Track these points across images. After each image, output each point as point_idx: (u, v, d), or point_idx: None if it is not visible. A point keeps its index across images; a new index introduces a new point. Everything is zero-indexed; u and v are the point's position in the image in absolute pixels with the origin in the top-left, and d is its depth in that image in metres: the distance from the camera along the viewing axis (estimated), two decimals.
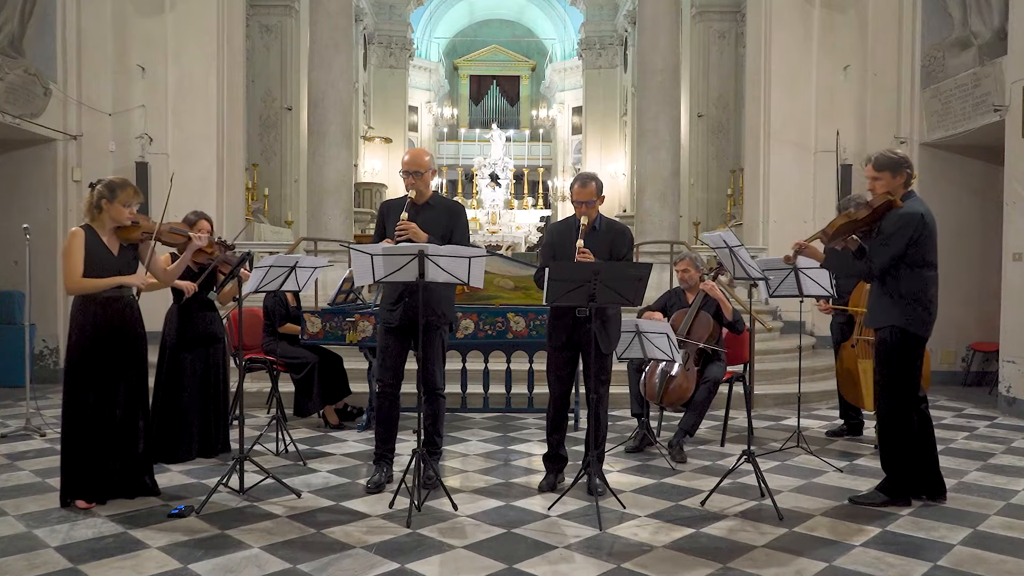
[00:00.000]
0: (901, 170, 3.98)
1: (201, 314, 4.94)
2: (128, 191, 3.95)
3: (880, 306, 3.99)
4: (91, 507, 3.86)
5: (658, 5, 10.79)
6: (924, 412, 4.05)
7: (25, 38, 7.87)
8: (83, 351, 3.89)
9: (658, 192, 10.60)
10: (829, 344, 6.46)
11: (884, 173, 3.98)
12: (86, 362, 3.89)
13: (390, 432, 4.37)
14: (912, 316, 3.91)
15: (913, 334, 3.93)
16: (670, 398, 5.09)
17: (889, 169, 3.98)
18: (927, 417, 4.07)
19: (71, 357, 3.92)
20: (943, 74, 8.18)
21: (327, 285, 8.07)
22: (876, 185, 4.01)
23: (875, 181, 4.01)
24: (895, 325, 3.92)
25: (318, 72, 10.34)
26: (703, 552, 3.36)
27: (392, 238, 4.11)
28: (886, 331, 3.96)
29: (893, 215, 3.90)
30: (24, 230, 5.86)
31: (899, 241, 3.85)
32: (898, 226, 3.86)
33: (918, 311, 3.91)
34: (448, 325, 4.42)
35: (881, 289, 3.98)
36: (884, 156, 4.04)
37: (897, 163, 3.98)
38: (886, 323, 3.96)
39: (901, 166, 3.98)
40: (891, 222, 3.89)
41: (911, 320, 3.91)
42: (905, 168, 3.99)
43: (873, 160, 4.04)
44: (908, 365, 3.96)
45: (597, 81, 22.39)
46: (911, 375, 3.97)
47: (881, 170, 3.99)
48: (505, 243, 21.59)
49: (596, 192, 4.24)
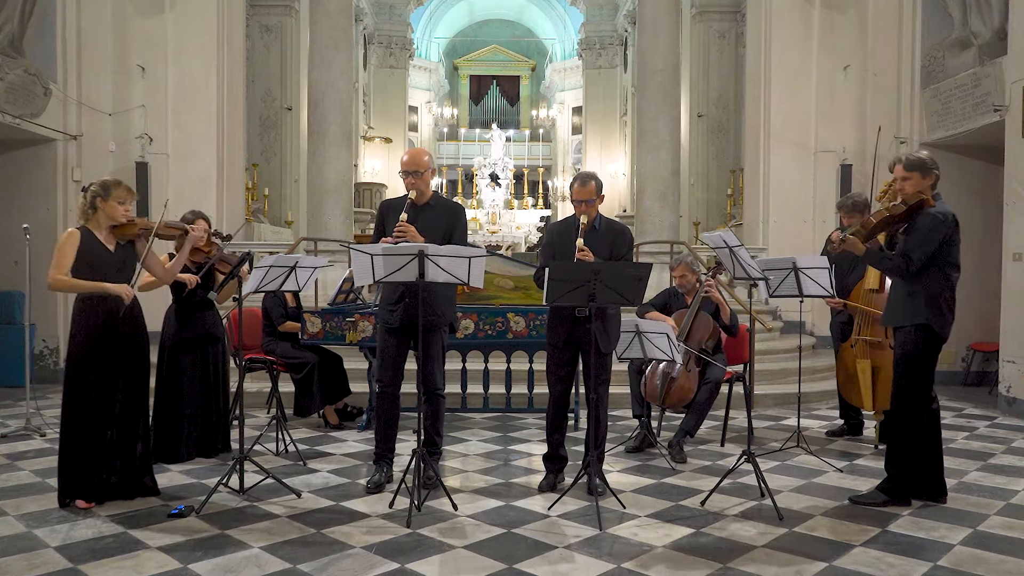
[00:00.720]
0: (930, 171, 4.02)
1: (200, 314, 4.95)
2: (122, 188, 3.97)
3: (904, 305, 3.99)
4: (91, 507, 3.86)
5: (658, 5, 10.79)
6: (935, 412, 4.06)
7: (25, 38, 7.87)
8: (88, 350, 3.88)
9: (658, 192, 10.60)
10: (829, 344, 6.47)
11: (914, 173, 4.01)
12: (89, 361, 3.88)
13: (390, 432, 4.36)
14: (938, 316, 3.93)
15: (936, 333, 3.94)
16: (672, 399, 5.09)
17: (919, 170, 4.01)
18: (937, 417, 4.08)
19: (74, 356, 3.91)
20: (943, 74, 8.18)
21: (327, 285, 8.07)
22: (905, 185, 4.03)
23: (905, 181, 4.03)
24: (921, 323, 3.93)
25: (318, 72, 10.34)
26: (703, 552, 3.36)
27: (392, 235, 4.09)
28: (910, 329, 3.97)
29: (927, 214, 3.94)
30: (24, 230, 5.86)
31: (933, 240, 3.90)
32: (934, 224, 3.91)
33: (943, 311, 3.94)
34: (449, 325, 4.42)
35: (908, 288, 3.99)
36: (915, 157, 4.07)
37: (927, 164, 4.02)
38: (910, 321, 3.96)
39: (930, 168, 4.02)
40: (927, 220, 3.93)
41: (935, 319, 3.93)
42: (934, 169, 4.03)
43: (904, 160, 4.07)
44: (928, 364, 3.98)
45: (597, 81, 22.39)
46: (928, 375, 3.99)
47: (911, 170, 4.01)
48: (505, 243, 21.59)
49: (596, 191, 4.23)
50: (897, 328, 4.06)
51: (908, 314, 3.97)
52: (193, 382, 4.85)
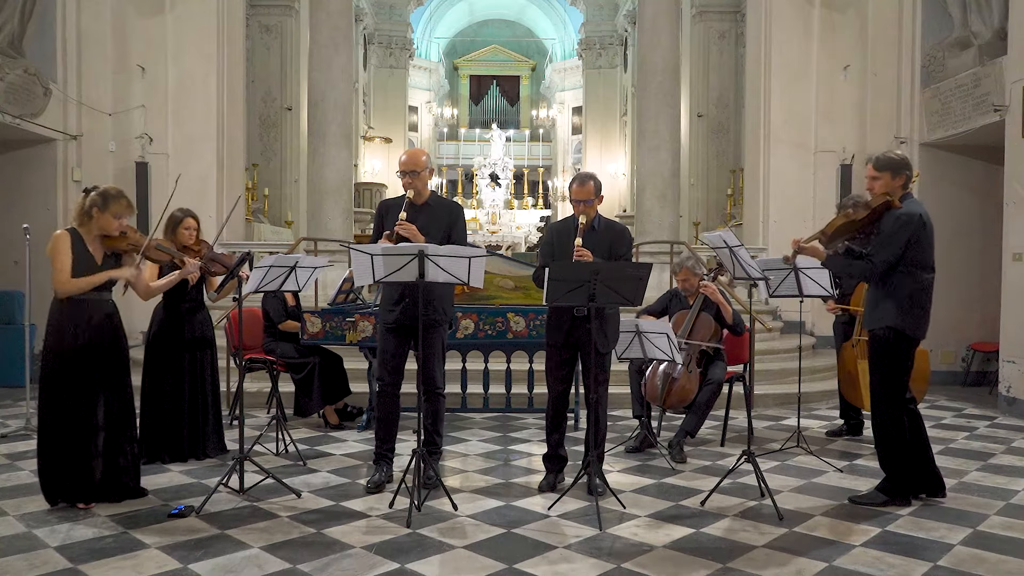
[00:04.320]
0: (901, 172, 3.99)
1: (189, 315, 4.91)
2: (121, 203, 3.89)
3: (877, 307, 3.99)
4: (91, 507, 3.86)
5: (658, 5, 10.80)
6: (914, 411, 4.07)
7: (25, 38, 7.87)
8: (58, 356, 3.81)
9: (658, 192, 10.60)
10: (829, 344, 6.47)
11: (884, 173, 3.99)
12: (62, 368, 3.81)
13: (390, 432, 4.36)
14: (907, 317, 3.91)
15: (908, 335, 3.93)
16: (672, 400, 5.09)
17: (889, 170, 3.98)
18: (917, 416, 4.08)
19: (45, 362, 3.83)
20: (943, 74, 8.18)
21: (327, 285, 8.07)
22: (875, 185, 4.02)
23: (874, 181, 4.02)
24: (890, 326, 3.92)
25: (318, 72, 10.34)
26: (703, 552, 3.36)
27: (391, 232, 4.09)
28: (879, 331, 3.97)
29: (891, 216, 3.90)
30: (24, 230, 5.86)
31: (898, 242, 3.86)
32: (896, 227, 3.87)
33: (915, 312, 3.92)
34: (448, 323, 4.42)
35: (879, 290, 3.98)
36: (885, 157, 4.05)
37: (898, 164, 3.99)
38: (879, 324, 3.96)
39: (901, 168, 3.99)
40: (890, 223, 3.90)
41: (906, 321, 3.91)
42: (905, 170, 4.00)
43: (874, 160, 4.05)
44: (899, 365, 3.96)
45: (597, 81, 22.38)
46: (901, 376, 3.97)
47: (881, 170, 3.99)
48: (505, 243, 21.58)
49: (594, 191, 4.23)
50: (870, 331, 4.06)
51: (880, 316, 3.96)
52: (178, 383, 4.81)
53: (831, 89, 9.51)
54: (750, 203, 10.32)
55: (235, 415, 5.69)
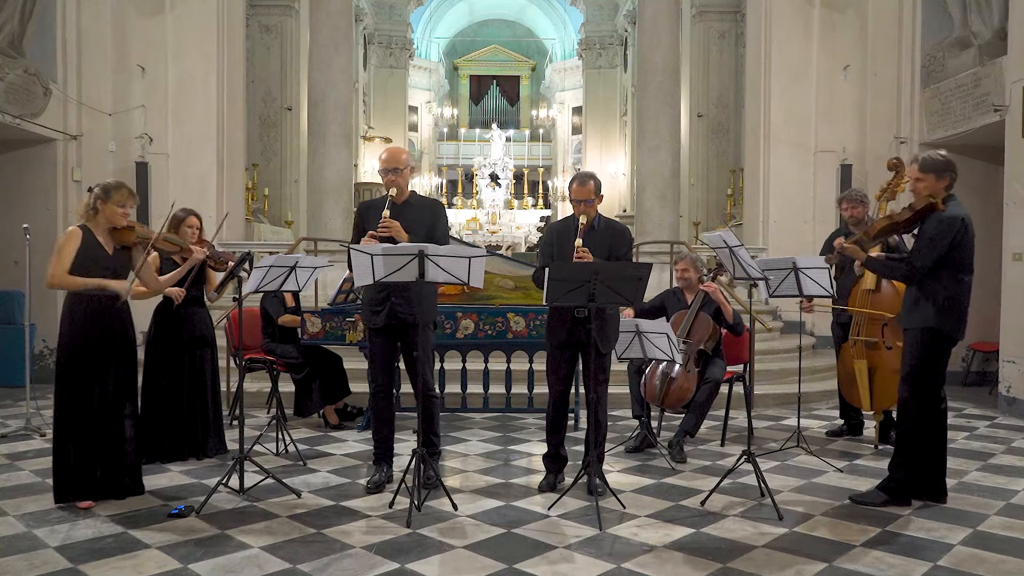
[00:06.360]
0: (945, 174, 3.95)
1: (188, 314, 4.90)
2: (123, 192, 3.96)
3: (916, 308, 3.97)
4: (91, 507, 3.86)
5: (658, 5, 10.80)
6: (943, 412, 4.06)
7: (25, 38, 7.87)
8: (75, 348, 3.88)
9: (658, 192, 10.60)
10: (829, 344, 6.46)
11: (929, 175, 3.94)
12: (76, 359, 3.88)
13: (388, 431, 4.37)
14: (947, 318, 3.91)
15: (946, 335, 3.94)
16: (671, 399, 5.09)
17: (934, 172, 3.94)
18: (944, 418, 4.08)
19: (62, 354, 3.91)
20: (943, 74, 8.18)
21: (327, 285, 8.07)
22: (919, 186, 3.97)
23: (918, 182, 3.97)
24: (929, 326, 3.91)
25: (318, 72, 10.34)
26: (703, 552, 3.36)
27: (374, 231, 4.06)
28: (918, 331, 3.95)
29: (935, 218, 3.89)
30: (24, 230, 5.86)
31: (940, 244, 3.85)
32: (940, 229, 3.86)
33: (954, 313, 3.92)
34: (433, 324, 4.41)
35: (919, 291, 3.96)
36: (930, 158, 3.99)
37: (942, 166, 3.95)
38: (918, 325, 3.95)
39: (946, 170, 3.95)
40: (933, 225, 3.89)
41: (946, 322, 3.91)
42: (949, 172, 3.95)
43: (919, 161, 4.00)
44: (937, 365, 3.98)
45: (597, 81, 22.37)
46: (938, 375, 3.99)
47: (926, 172, 3.95)
48: (505, 243, 21.59)
49: (594, 191, 4.23)
50: (906, 329, 4.05)
51: (919, 316, 3.95)
52: (178, 383, 4.81)
53: (831, 89, 9.51)
54: (750, 203, 10.32)
55: (235, 415, 5.69)
